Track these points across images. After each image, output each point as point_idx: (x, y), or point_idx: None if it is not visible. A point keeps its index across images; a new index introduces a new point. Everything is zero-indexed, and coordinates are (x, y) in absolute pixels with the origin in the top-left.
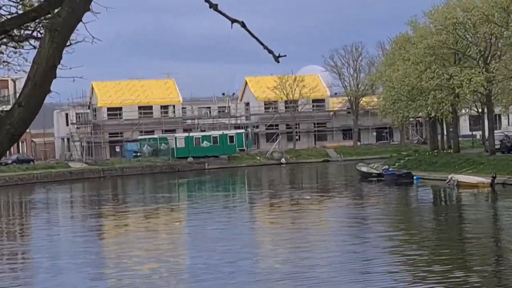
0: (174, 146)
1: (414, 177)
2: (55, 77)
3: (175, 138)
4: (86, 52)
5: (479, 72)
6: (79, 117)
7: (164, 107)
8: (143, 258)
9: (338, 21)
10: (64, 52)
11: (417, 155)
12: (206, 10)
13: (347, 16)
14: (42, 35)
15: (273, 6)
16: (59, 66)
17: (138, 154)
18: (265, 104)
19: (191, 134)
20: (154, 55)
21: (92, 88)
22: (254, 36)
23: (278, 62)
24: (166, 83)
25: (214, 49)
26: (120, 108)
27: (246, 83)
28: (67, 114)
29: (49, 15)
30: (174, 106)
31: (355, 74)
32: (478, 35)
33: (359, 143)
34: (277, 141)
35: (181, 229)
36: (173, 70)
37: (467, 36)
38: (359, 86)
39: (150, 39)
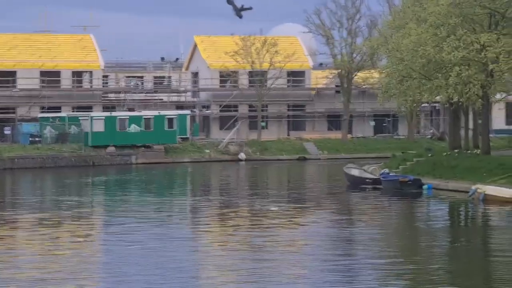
0: (89, 130)
1: (424, 186)
2: None
3: (91, 118)
4: None
5: None
6: None
7: (77, 74)
8: None
9: None
10: None
11: (430, 155)
12: None
13: None
14: None
15: None
16: None
17: (37, 139)
18: (221, 76)
19: (113, 113)
20: (68, 1)
21: None
22: None
23: (241, 17)
24: (81, 40)
25: None
26: (13, 73)
27: (196, 45)
28: None
29: None
30: (91, 72)
31: (350, 39)
32: None
33: (350, 136)
34: (236, 128)
35: (87, 248)
36: (92, 23)
37: None
38: (354, 55)
39: None
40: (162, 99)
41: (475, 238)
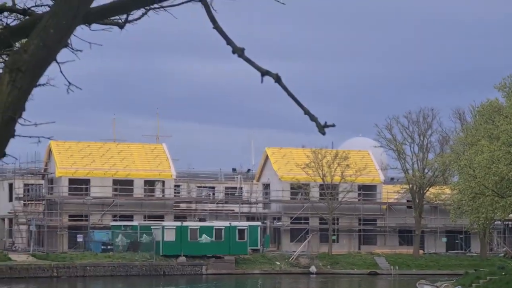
0: (161, 239)
1: None
2: (13, 135)
3: (163, 227)
4: (47, 99)
5: None
6: (28, 190)
7: (150, 183)
8: None
9: (405, 77)
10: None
11: (504, 274)
12: (226, 54)
13: (416, 71)
14: None
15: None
16: (20, 120)
17: (109, 247)
18: (292, 188)
19: (185, 223)
20: (138, 111)
21: (50, 150)
22: (291, 95)
23: (324, 134)
24: (154, 150)
25: (223, 105)
26: (87, 181)
27: (267, 157)
28: (11, 185)
29: (10, 49)
30: (163, 182)
31: (421, 154)
32: None
33: (422, 252)
34: (306, 241)
35: None
36: (164, 132)
37: None
38: (426, 170)
39: (133, 87)
40: (233, 210)
41: None
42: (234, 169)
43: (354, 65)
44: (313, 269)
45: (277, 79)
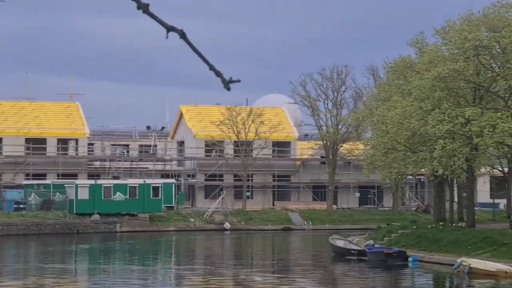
0: (74, 198)
1: (409, 258)
2: None
3: (76, 186)
4: None
5: (508, 117)
6: None
7: (63, 142)
8: None
9: (323, 38)
10: None
11: (415, 227)
12: (133, 11)
13: (332, 31)
14: None
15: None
16: None
17: (22, 206)
18: (206, 145)
19: (98, 181)
20: (53, 70)
21: None
22: (196, 51)
23: (229, 89)
24: (67, 108)
25: (138, 65)
26: None
27: (182, 115)
28: None
29: None
30: (77, 140)
31: (335, 110)
32: (509, 64)
33: (335, 207)
34: (221, 197)
35: None
36: (78, 91)
37: (494, 65)
38: (339, 126)
39: (46, 46)
40: (147, 168)
41: None
42: (148, 127)
43: (270, 26)
44: (227, 225)
45: (182, 35)
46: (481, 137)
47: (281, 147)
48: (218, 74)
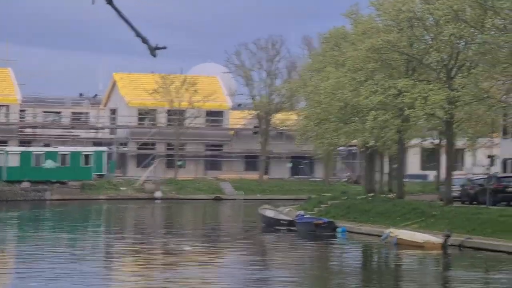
0: (4, 165)
1: (338, 229)
2: None
3: (6, 153)
4: None
5: (439, 89)
6: None
7: None
8: None
9: (259, 8)
10: None
11: (345, 198)
12: None
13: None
14: None
15: None
16: None
17: None
18: (139, 114)
19: (29, 148)
20: None
21: None
22: (123, 17)
23: (155, 56)
24: None
25: (70, 31)
26: None
27: (115, 82)
28: None
29: None
30: (8, 106)
31: (269, 80)
32: (441, 37)
33: (267, 177)
34: (152, 166)
35: None
36: (10, 57)
37: (427, 37)
38: (273, 97)
39: None
40: (79, 135)
41: (386, 281)
42: (81, 94)
43: None
44: (158, 194)
45: (109, 1)
46: (413, 109)
47: (214, 116)
48: (144, 40)
